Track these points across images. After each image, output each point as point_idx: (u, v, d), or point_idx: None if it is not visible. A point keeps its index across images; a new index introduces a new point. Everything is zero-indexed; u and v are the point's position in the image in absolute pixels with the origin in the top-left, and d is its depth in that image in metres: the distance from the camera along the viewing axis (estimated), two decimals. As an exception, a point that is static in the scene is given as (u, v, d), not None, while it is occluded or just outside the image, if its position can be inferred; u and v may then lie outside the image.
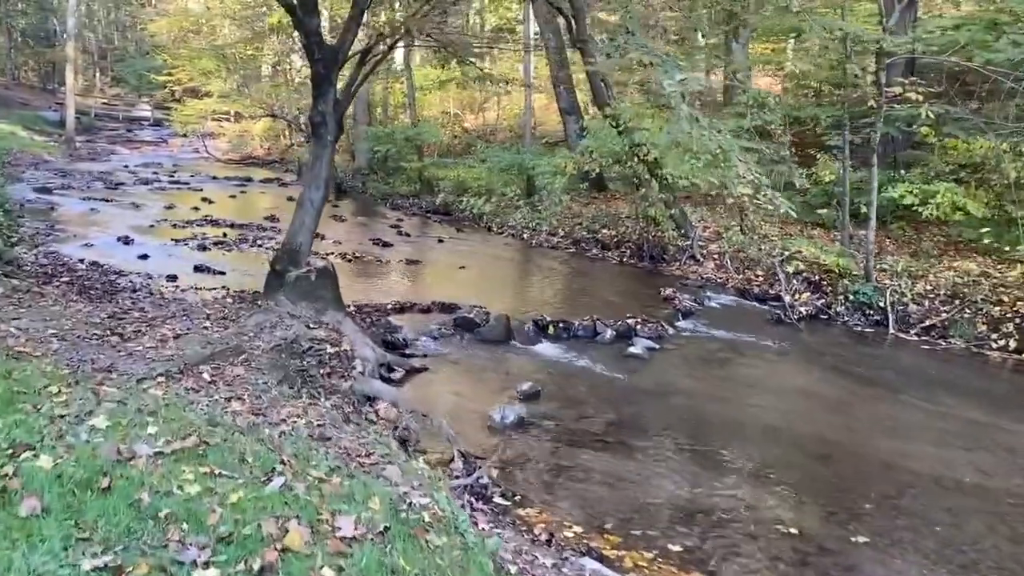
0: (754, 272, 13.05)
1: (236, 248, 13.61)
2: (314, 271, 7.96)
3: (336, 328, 7.74)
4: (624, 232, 15.46)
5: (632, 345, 9.12)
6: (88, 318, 7.26)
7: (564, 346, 9.20)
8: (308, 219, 8.28)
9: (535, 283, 12.85)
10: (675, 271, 13.67)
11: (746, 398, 7.86)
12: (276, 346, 6.87)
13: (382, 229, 17.33)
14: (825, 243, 12.87)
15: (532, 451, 6.16)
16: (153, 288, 10.09)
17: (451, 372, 8.04)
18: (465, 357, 8.57)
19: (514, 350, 9.00)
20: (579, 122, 19.12)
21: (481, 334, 9.28)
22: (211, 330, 7.21)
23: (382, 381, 7.42)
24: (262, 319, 7.47)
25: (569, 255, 15.11)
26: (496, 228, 17.85)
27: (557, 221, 16.53)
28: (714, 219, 15.46)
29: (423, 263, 13.43)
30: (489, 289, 11.83)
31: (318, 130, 8.06)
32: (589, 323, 9.69)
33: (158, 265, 11.83)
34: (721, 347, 9.52)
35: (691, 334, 10.00)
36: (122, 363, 5.85)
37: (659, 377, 8.30)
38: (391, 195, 22.91)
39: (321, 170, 8.20)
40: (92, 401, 4.44)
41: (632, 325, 9.79)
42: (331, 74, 7.86)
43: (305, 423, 5.03)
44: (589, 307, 11.13)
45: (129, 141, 37.64)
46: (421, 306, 10.22)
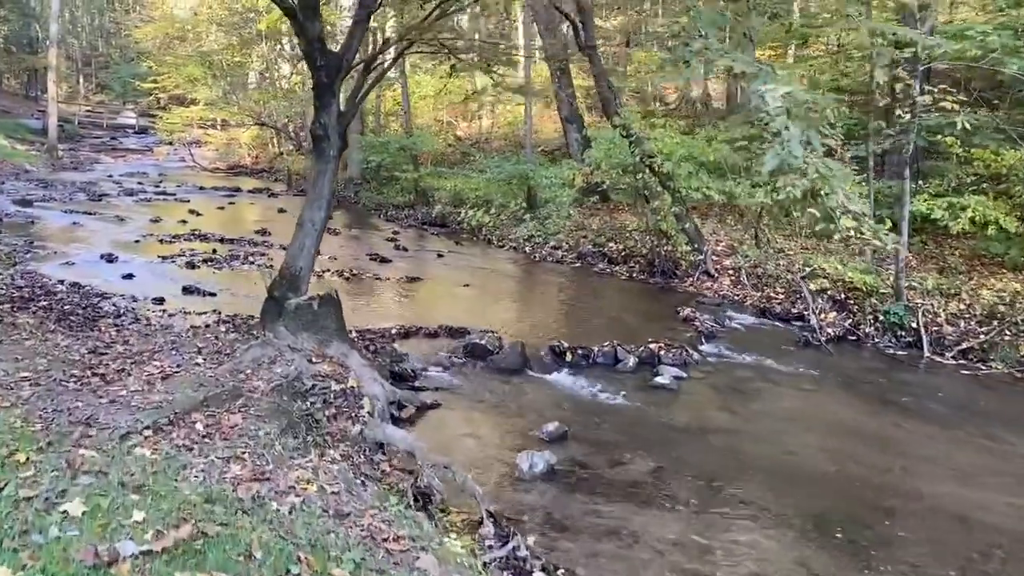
0: (774, 289, 12.42)
1: (227, 266, 12.88)
2: (316, 299, 7.26)
3: (341, 362, 7.04)
4: (632, 246, 14.83)
5: (658, 374, 8.46)
6: (66, 354, 6.54)
7: (584, 375, 8.53)
8: (309, 241, 7.58)
9: (543, 302, 12.19)
10: (688, 288, 13.02)
11: (789, 436, 7.21)
12: (276, 386, 6.16)
13: (378, 243, 16.64)
14: (845, 259, 12.25)
15: (569, 509, 5.48)
16: (139, 313, 9.38)
17: (466, 408, 7.36)
18: (479, 390, 7.89)
19: (531, 380, 8.33)
20: (581, 131, 18.50)
21: (495, 362, 8.61)
22: (204, 367, 6.49)
23: (393, 422, 6.74)
24: (260, 354, 6.77)
25: (575, 270, 14.46)
26: (496, 241, 17.18)
27: (563, 235, 15.91)
28: (726, 232, 14.84)
29: (424, 280, 12.73)
30: (496, 310, 11.16)
31: (320, 144, 7.37)
32: (609, 349, 9.03)
33: (144, 286, 11.10)
34: (751, 374, 8.87)
35: (717, 360, 9.35)
36: (104, 413, 5.14)
37: (692, 411, 7.64)
38: (384, 206, 22.22)
39: (323, 188, 7.51)
40: (67, 474, 3.74)
41: (655, 351, 9.14)
42: (334, 83, 7.18)
43: (317, 490, 4.34)
44: (604, 329, 10.50)
45: (114, 150, 36.79)
46: (427, 330, 9.54)
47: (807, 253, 13.79)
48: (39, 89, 42.17)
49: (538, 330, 10.21)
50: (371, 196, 23.26)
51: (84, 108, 44.84)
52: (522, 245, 16.50)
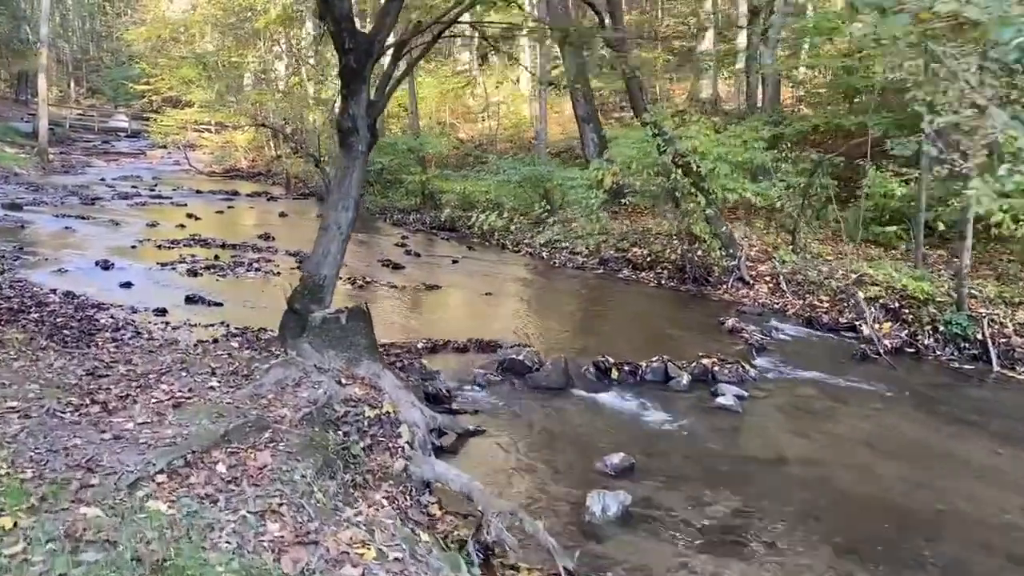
0: (817, 297, 11.63)
1: (231, 273, 12.04)
2: (344, 312, 6.44)
3: (373, 383, 6.21)
4: (658, 251, 14.03)
5: (718, 394, 7.65)
6: (61, 377, 5.70)
7: (634, 394, 7.72)
8: (334, 247, 6.76)
9: (572, 311, 11.37)
10: (723, 295, 12.24)
11: (872, 464, 6.41)
12: (306, 415, 5.33)
13: (388, 248, 15.82)
14: (891, 264, 11.47)
15: (654, 560, 4.67)
16: (140, 326, 8.54)
17: (513, 435, 6.53)
18: (523, 412, 7.07)
19: (576, 400, 7.52)
20: (598, 131, 17.72)
21: (534, 380, 7.80)
22: (219, 391, 5.66)
23: (434, 452, 5.92)
24: (282, 375, 5.93)
25: (598, 277, 13.65)
26: (511, 246, 16.37)
27: (582, 240, 15.10)
28: (758, 236, 14.06)
29: (442, 288, 11.91)
30: (523, 320, 10.34)
31: (347, 139, 6.55)
32: (659, 365, 8.22)
33: (143, 295, 10.27)
34: (814, 392, 8.08)
35: (775, 375, 8.55)
36: (107, 452, 4.31)
37: (762, 437, 6.84)
38: (390, 209, 21.40)
39: (350, 187, 6.70)
40: (65, 547, 2.91)
41: (708, 367, 8.34)
42: (364, 69, 6.37)
43: (376, 556, 3.51)
44: (643, 342, 9.72)
45: (106, 153, 35.85)
46: (456, 344, 8.73)
47: (845, 259, 13.04)
48: (29, 92, 41.23)
49: (572, 343, 9.42)
50: (375, 199, 22.42)
51: (75, 111, 43.88)
52: (539, 250, 15.69)
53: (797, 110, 21.57)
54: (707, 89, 29.26)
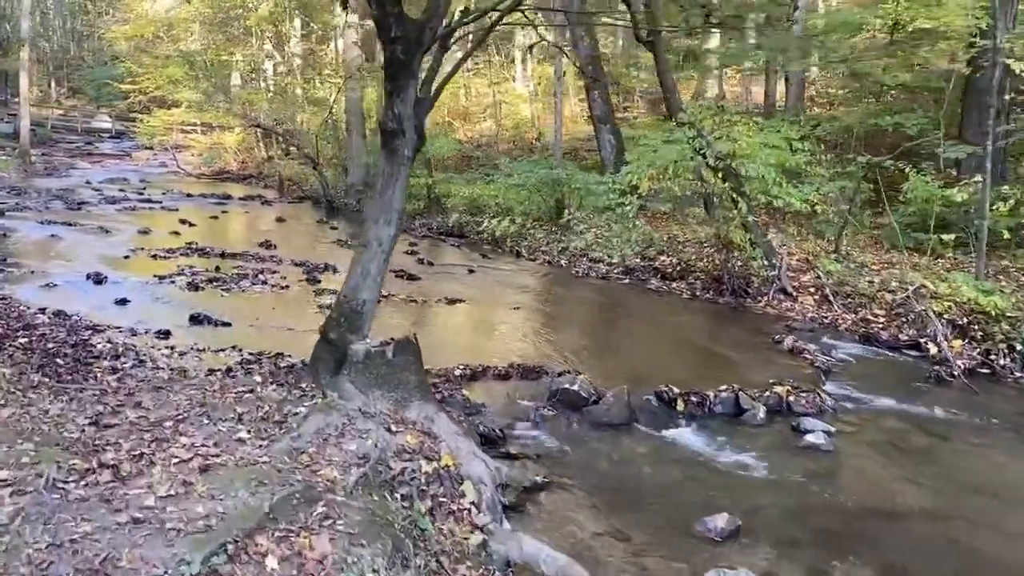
0: (870, 311, 10.80)
1: (235, 287, 11.06)
2: (391, 345, 5.51)
3: (427, 429, 5.30)
4: (688, 259, 13.17)
5: (804, 430, 6.79)
6: (59, 429, 4.75)
7: (707, 431, 6.85)
8: (374, 267, 5.84)
9: (610, 327, 10.48)
10: (766, 308, 11.38)
11: (1002, 517, 5.57)
12: (360, 478, 4.42)
13: (396, 256, 14.70)
14: (959, 275, 10.64)
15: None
16: (142, 352, 7.57)
17: (586, 487, 5.62)
18: (589, 456, 6.19)
19: (644, 439, 6.64)
20: (615, 132, 16.87)
21: (593, 415, 6.92)
22: (251, 445, 4.73)
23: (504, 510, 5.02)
24: (323, 422, 5.01)
25: (625, 288, 12.76)
26: (527, 253, 15.46)
27: (601, 248, 14.22)
28: (796, 244, 13.22)
29: (467, 302, 10.98)
30: (560, 339, 9.44)
31: (392, 141, 5.64)
32: (729, 395, 7.35)
33: (142, 313, 9.31)
34: (903, 425, 7.22)
35: (853, 405, 7.70)
36: (127, 544, 3.39)
37: (865, 483, 5.97)
38: (392, 214, 20.38)
39: (393, 197, 5.78)
40: None
41: (783, 396, 7.48)
42: (413, 61, 5.46)
43: None
44: (695, 363, 8.88)
45: (89, 154, 34.63)
46: (496, 371, 7.81)
47: (892, 268, 12.24)
48: (9, 92, 39.92)
49: (619, 366, 8.52)
50: (375, 204, 21.44)
51: (57, 112, 42.58)
52: (557, 258, 14.80)
53: (810, 110, 20.83)
54: (712, 89, 28.51)
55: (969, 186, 10.98)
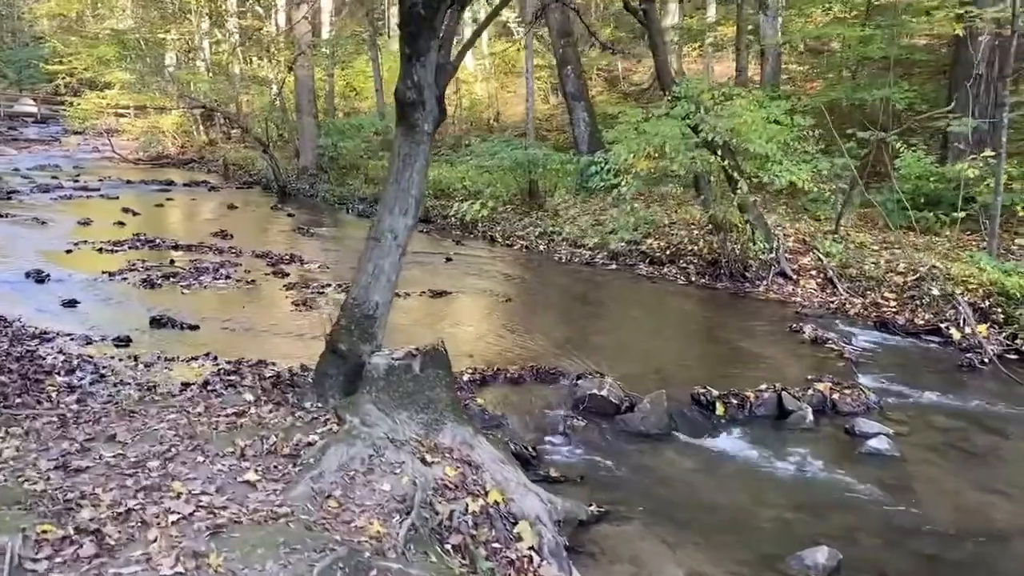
0: (880, 294, 10.25)
1: (195, 283, 9.99)
2: (418, 356, 4.64)
3: (465, 457, 4.46)
4: (678, 243, 12.51)
5: (862, 433, 6.14)
6: (19, 480, 3.80)
7: (754, 437, 6.16)
8: (388, 263, 4.96)
9: (613, 319, 9.67)
10: (768, 294, 10.77)
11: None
12: (410, 529, 3.57)
13: (364, 245, 13.85)
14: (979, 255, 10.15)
15: None
16: (101, 365, 6.55)
17: (646, 516, 4.84)
18: (637, 476, 5.42)
19: (691, 452, 5.91)
20: (589, 111, 16.09)
21: (629, 424, 6.16)
22: (264, 491, 3.84)
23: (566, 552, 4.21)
24: (345, 455, 4.14)
25: (614, 274, 12.03)
26: (502, 239, 14.62)
27: (579, 230, 13.47)
28: (791, 224, 12.65)
29: (454, 295, 10.12)
30: (565, 334, 8.66)
31: (411, 115, 4.74)
32: (771, 395, 6.66)
33: (95, 316, 8.26)
34: (956, 423, 6.61)
35: (895, 400, 7.08)
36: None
37: (946, 496, 5.32)
38: (349, 199, 19.38)
39: (411, 182, 4.90)
40: None
41: (826, 394, 6.82)
42: (436, 17, 4.57)
43: None
44: (717, 358, 8.25)
45: (14, 140, 32.50)
46: (508, 374, 6.99)
47: (891, 248, 11.75)
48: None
49: (635, 363, 7.77)
50: (331, 188, 20.37)
51: (-26, 97, 40.03)
52: (535, 243, 14.01)
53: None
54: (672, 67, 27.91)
55: (979, 162, 10.46)
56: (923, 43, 16.96)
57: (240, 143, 28.27)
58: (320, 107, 23.24)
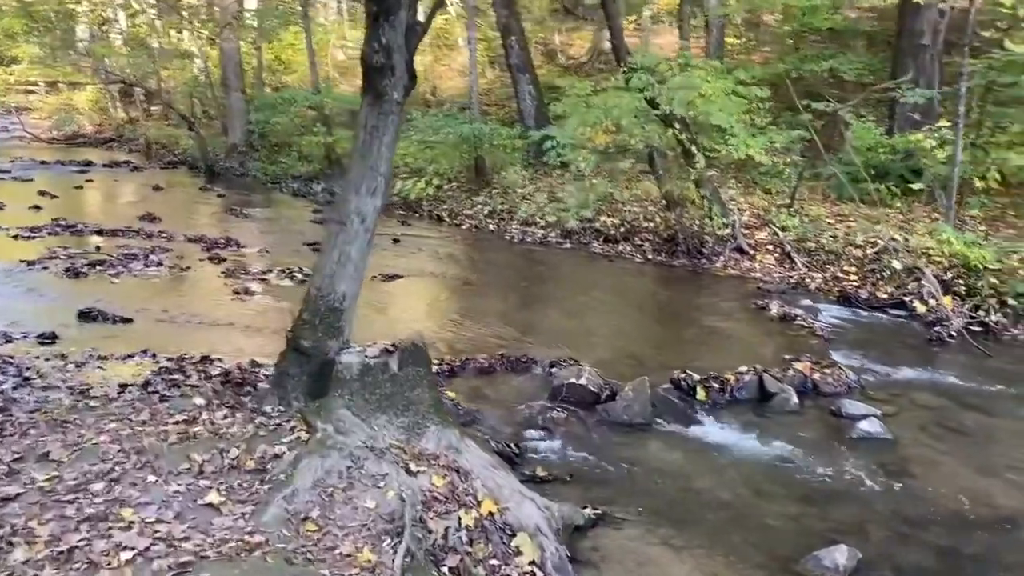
0: (840, 268, 10.13)
1: (125, 271, 9.25)
2: (395, 354, 4.17)
3: (453, 464, 4.02)
4: (633, 220, 12.21)
5: (850, 415, 5.91)
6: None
7: (737, 423, 5.87)
8: (355, 250, 4.46)
9: (576, 301, 9.23)
10: (727, 269, 10.56)
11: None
12: (406, 558, 3.12)
13: (304, 226, 13.23)
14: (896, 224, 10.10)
15: None
16: (24, 366, 5.86)
17: (648, 519, 4.47)
18: (626, 471, 5.06)
19: (674, 441, 5.59)
20: (534, 82, 15.62)
21: (611, 413, 5.80)
22: (230, 514, 3.35)
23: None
24: (319, 468, 3.66)
25: (569, 253, 11.66)
26: (448, 218, 14.11)
27: (536, 207, 13.02)
28: (745, 198, 12.46)
29: (405, 279, 9.60)
30: (529, 318, 8.31)
31: (379, 81, 4.23)
32: (752, 377, 6.38)
33: (13, 311, 7.49)
34: (943, 402, 6.43)
35: (874, 378, 6.89)
36: None
37: (955, 482, 5.05)
38: (283, 178, 18.54)
39: (380, 157, 4.39)
40: None
41: (806, 374, 6.58)
42: (407, -26, 4.05)
43: None
44: (688, 339, 8.00)
45: (-93, 121, 30.36)
46: (478, 363, 6.58)
47: (845, 220, 11.67)
48: None
49: (606, 346, 7.48)
50: (263, 166, 19.47)
51: None
52: (485, 222, 13.54)
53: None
54: (607, 40, 27.57)
55: (935, 132, 10.37)
56: (867, 15, 16.95)
57: (163, 120, 26.92)
58: (247, 82, 22.17)
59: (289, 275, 9.41)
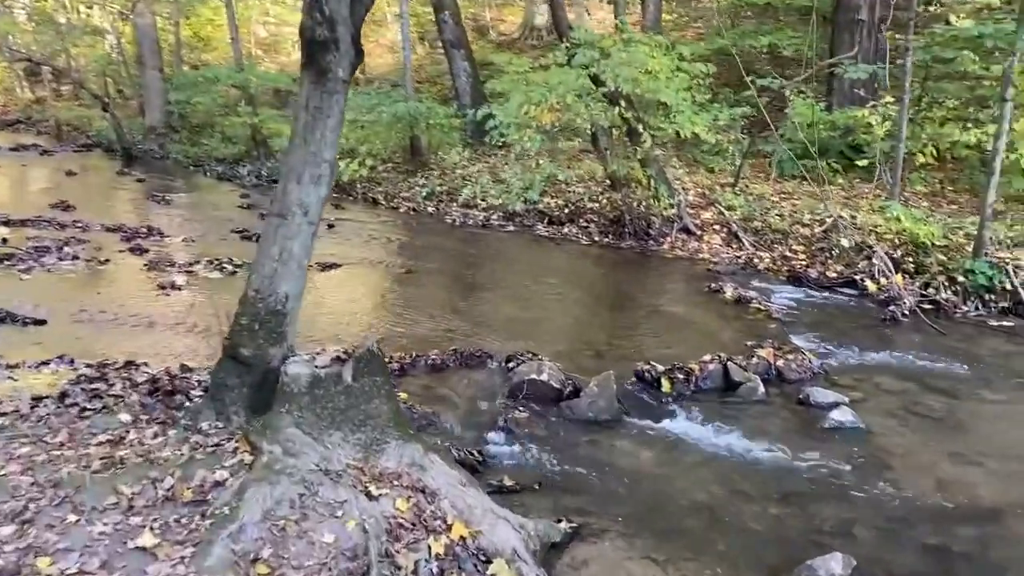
0: (788, 247, 10.02)
1: (37, 265, 8.51)
2: (349, 363, 3.74)
3: (418, 484, 3.62)
4: (578, 201, 11.91)
5: (820, 404, 5.71)
6: None
7: (705, 415, 5.60)
8: (298, 246, 3.99)
9: (523, 287, 8.83)
10: (675, 251, 10.36)
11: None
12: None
13: (232, 212, 12.57)
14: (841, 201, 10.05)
15: None
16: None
17: (627, 528, 4.16)
18: (597, 475, 4.73)
19: (643, 438, 5.29)
20: (469, 58, 15.14)
21: (575, 411, 5.47)
22: (167, 559, 2.90)
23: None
24: (268, 497, 3.23)
25: (513, 236, 11.31)
26: (385, 201, 13.59)
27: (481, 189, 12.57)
28: (690, 178, 12.27)
29: (344, 268, 9.10)
30: (478, 308, 7.92)
31: (321, 57, 3.76)
32: (716, 365, 6.13)
33: (-93, 314, 6.74)
34: (907, 385, 6.28)
35: (836, 363, 6.73)
36: None
37: (934, 474, 4.87)
38: (206, 160, 17.70)
39: (323, 141, 3.93)
40: None
41: (770, 360, 6.38)
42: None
43: None
44: (642, 325, 7.69)
45: None
46: (429, 360, 6.15)
47: (789, 198, 11.60)
48: None
49: (561, 336, 7.17)
50: (185, 149, 18.57)
51: None
52: (423, 205, 13.07)
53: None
54: (540, 16, 27.17)
55: (879, 107, 10.30)
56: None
57: (74, 101, 25.50)
58: (165, 60, 21.07)
59: (219, 266, 8.80)
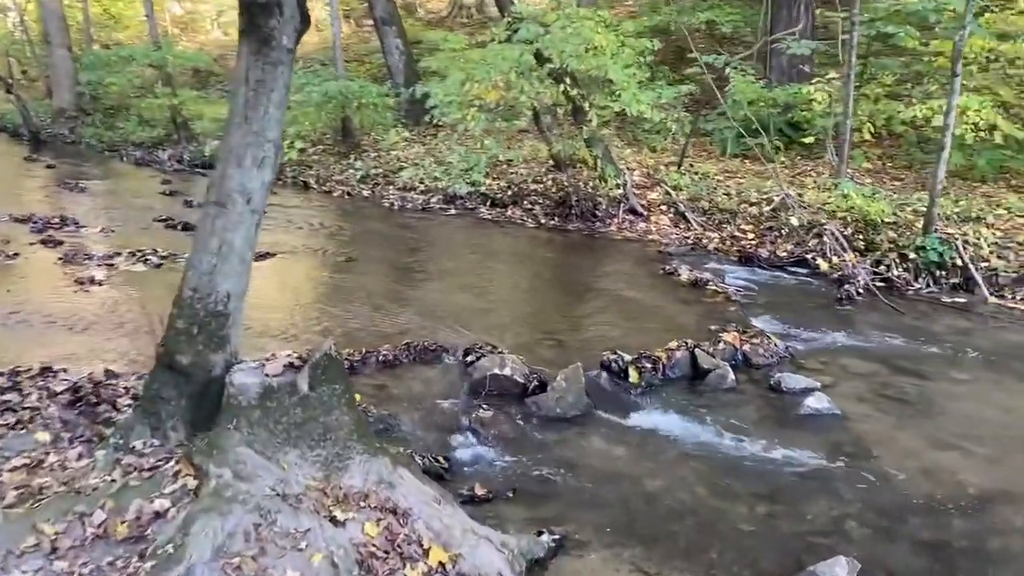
0: (737, 227, 9.86)
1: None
2: (304, 371, 3.30)
3: (387, 503, 3.22)
4: (521, 183, 11.55)
5: (792, 390, 5.50)
6: None
7: (675, 406, 5.34)
8: (240, 238, 3.54)
9: (472, 273, 8.45)
10: (623, 232, 10.12)
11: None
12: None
13: (153, 198, 11.84)
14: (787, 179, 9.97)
15: None
16: None
17: (611, 537, 3.83)
18: (573, 479, 4.40)
19: (615, 433, 4.98)
20: (402, 35, 14.57)
21: (543, 407, 5.13)
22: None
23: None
24: (219, 530, 2.80)
25: (455, 220, 10.91)
26: (317, 184, 13.01)
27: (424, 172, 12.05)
28: (633, 157, 12.03)
29: (280, 256, 8.56)
30: (426, 297, 7.50)
31: (263, 23, 3.30)
32: (683, 353, 5.86)
33: None
34: (875, 367, 6.12)
35: (803, 347, 6.53)
36: None
37: (920, 462, 4.68)
38: (122, 145, 16.74)
39: (267, 119, 3.47)
40: None
41: (736, 345, 6.15)
42: None
43: None
44: (600, 311, 7.42)
45: None
46: (380, 356, 5.72)
47: (734, 176, 11.47)
48: None
49: (518, 325, 6.81)
50: (98, 132, 17.53)
51: None
52: (358, 189, 12.55)
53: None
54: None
55: (820, 84, 10.20)
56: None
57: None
58: (73, 39, 19.86)
59: (142, 258, 8.15)
